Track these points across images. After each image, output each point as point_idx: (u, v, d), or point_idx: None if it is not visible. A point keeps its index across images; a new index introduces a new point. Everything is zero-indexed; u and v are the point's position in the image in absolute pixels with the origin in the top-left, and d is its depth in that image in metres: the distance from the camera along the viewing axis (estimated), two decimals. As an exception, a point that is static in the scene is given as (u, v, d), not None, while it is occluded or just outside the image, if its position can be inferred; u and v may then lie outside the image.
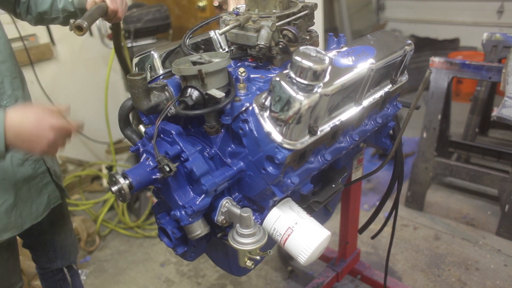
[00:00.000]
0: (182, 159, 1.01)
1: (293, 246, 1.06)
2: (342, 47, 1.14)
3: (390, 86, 1.25)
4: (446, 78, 2.64)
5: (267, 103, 0.95)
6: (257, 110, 0.96)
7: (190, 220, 1.03)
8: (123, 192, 0.97)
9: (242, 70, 1.08)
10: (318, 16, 2.96)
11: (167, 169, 0.97)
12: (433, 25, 5.33)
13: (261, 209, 1.12)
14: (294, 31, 1.09)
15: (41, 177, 1.41)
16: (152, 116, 1.19)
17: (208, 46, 1.31)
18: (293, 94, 0.89)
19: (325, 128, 1.03)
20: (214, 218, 1.08)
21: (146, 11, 2.97)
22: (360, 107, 1.13)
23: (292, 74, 0.90)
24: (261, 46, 1.07)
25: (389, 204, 1.70)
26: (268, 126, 0.95)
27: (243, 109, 0.99)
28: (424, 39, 5.07)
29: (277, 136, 0.94)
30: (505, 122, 2.20)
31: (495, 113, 2.23)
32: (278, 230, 1.08)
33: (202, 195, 1.02)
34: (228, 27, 1.09)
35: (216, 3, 3.01)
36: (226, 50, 1.30)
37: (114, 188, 0.98)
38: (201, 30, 1.27)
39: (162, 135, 1.05)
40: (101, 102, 3.09)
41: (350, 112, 1.11)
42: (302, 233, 1.06)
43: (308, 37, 1.21)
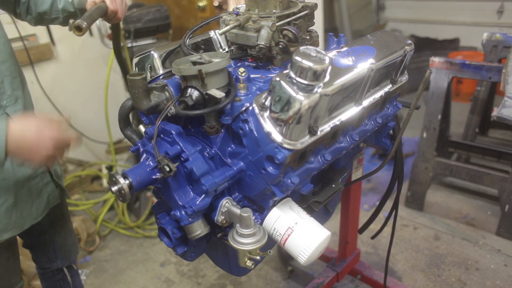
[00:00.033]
0: (182, 159, 1.01)
1: (293, 246, 1.06)
2: (342, 47, 1.14)
3: (390, 86, 1.25)
4: (446, 78, 2.64)
5: (267, 103, 0.95)
6: (257, 110, 0.96)
7: (190, 220, 1.03)
8: (123, 192, 0.97)
9: (242, 70, 1.08)
10: (318, 16, 2.96)
11: (167, 169, 0.97)
12: (433, 25, 5.33)
13: (261, 209, 1.12)
14: (294, 31, 1.09)
15: (41, 177, 1.41)
16: (152, 116, 1.19)
17: (208, 46, 1.31)
18: (293, 94, 0.89)
19: (325, 128, 1.03)
20: (214, 218, 1.08)
21: (146, 11, 2.97)
22: (360, 107, 1.13)
23: (292, 74, 0.90)
24: (261, 46, 1.07)
25: (389, 204, 1.70)
26: (268, 126, 0.95)
27: (243, 109, 0.99)
28: (424, 39, 5.07)
29: (277, 136, 0.94)
30: (505, 122, 2.20)
31: (495, 113, 2.23)
32: (278, 230, 1.08)
33: (202, 195, 1.02)
34: (228, 27, 1.09)
35: (216, 3, 3.01)
36: (226, 50, 1.30)
37: (114, 188, 0.98)
38: (201, 30, 1.27)
39: (162, 135, 1.05)
40: (101, 102, 3.09)
41: (350, 112, 1.11)
42: (302, 233, 1.06)
43: (308, 37, 1.21)
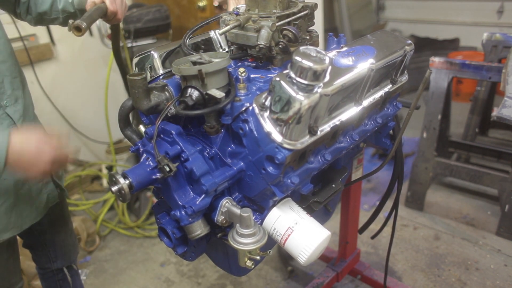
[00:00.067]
0: (182, 159, 1.01)
1: (293, 246, 1.06)
2: (342, 47, 1.14)
3: (390, 86, 1.25)
4: (446, 78, 2.64)
5: (267, 103, 0.95)
6: (257, 110, 0.96)
7: (190, 220, 1.03)
8: (123, 192, 0.97)
9: (242, 70, 1.08)
10: (318, 16, 2.96)
11: (167, 169, 0.97)
12: (433, 25, 5.33)
13: (261, 209, 1.12)
14: (294, 31, 1.09)
15: (41, 177, 1.41)
16: (152, 116, 1.19)
17: (208, 46, 1.31)
18: (293, 94, 0.89)
19: (325, 128, 1.03)
20: (214, 218, 1.08)
21: (146, 11, 2.97)
22: (360, 107, 1.13)
23: (292, 74, 0.90)
24: (261, 46, 1.07)
25: (389, 204, 1.70)
26: (268, 126, 0.95)
27: (243, 109, 0.99)
28: (424, 39, 5.07)
29: (277, 136, 0.94)
30: (505, 122, 2.20)
31: (495, 113, 2.23)
32: (278, 230, 1.08)
33: (202, 195, 1.02)
34: (228, 27, 1.09)
35: (216, 3, 3.01)
36: (226, 50, 1.30)
37: (114, 188, 0.98)
38: (201, 30, 1.27)
39: (162, 135, 1.05)
40: (101, 102, 3.09)
41: (350, 112, 1.11)
42: (302, 233, 1.06)
43: (308, 37, 1.21)
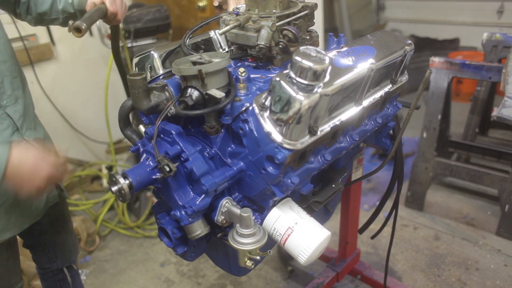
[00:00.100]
0: (182, 159, 1.01)
1: (293, 246, 1.06)
2: (342, 47, 1.14)
3: (390, 86, 1.25)
4: (446, 78, 2.64)
5: (267, 103, 0.95)
6: (257, 110, 0.96)
7: (190, 220, 1.03)
8: (123, 192, 0.97)
9: (242, 70, 1.08)
10: (318, 16, 2.96)
11: (167, 169, 0.97)
12: (433, 25, 5.33)
13: (261, 209, 1.12)
14: (294, 31, 1.09)
15: (41, 176, 1.41)
16: (152, 116, 1.19)
17: (208, 46, 1.31)
18: (293, 94, 0.89)
19: (325, 128, 1.03)
20: (214, 218, 1.08)
21: (146, 11, 2.97)
22: (360, 107, 1.13)
23: (292, 74, 0.90)
24: (261, 46, 1.07)
25: (389, 204, 1.70)
26: (268, 126, 0.95)
27: (243, 109, 0.99)
28: (424, 39, 5.07)
29: (277, 136, 0.94)
30: (505, 122, 2.20)
31: (495, 113, 2.23)
32: (278, 230, 1.08)
33: (202, 195, 1.02)
34: (228, 27, 1.09)
35: (216, 3, 3.01)
36: (226, 50, 1.30)
37: (114, 188, 0.98)
38: (201, 30, 1.27)
39: (162, 135, 1.05)
40: (101, 102, 3.09)
41: (350, 112, 1.11)
42: (302, 233, 1.06)
43: (308, 37, 1.21)
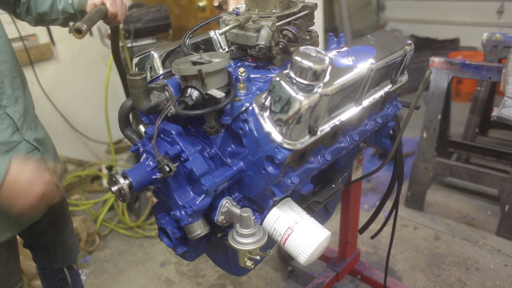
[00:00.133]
0: (182, 159, 1.01)
1: (293, 246, 1.06)
2: (342, 47, 1.13)
3: (390, 86, 1.25)
4: (446, 78, 2.64)
5: (267, 103, 0.95)
6: (257, 110, 0.96)
7: (190, 220, 1.03)
8: (123, 192, 0.97)
9: (242, 70, 1.08)
10: (318, 16, 2.96)
11: (167, 169, 0.97)
12: (433, 25, 5.33)
13: (261, 209, 1.12)
14: (294, 31, 1.09)
15: (41, 177, 1.41)
16: (152, 116, 1.19)
17: (208, 46, 1.31)
18: (293, 94, 0.89)
19: (325, 128, 1.03)
20: (214, 218, 1.08)
21: (146, 11, 2.97)
22: (360, 107, 1.13)
23: (292, 74, 0.90)
24: (261, 46, 1.07)
25: (389, 204, 1.70)
26: (268, 126, 0.95)
27: (243, 109, 0.99)
28: (424, 39, 5.07)
29: (277, 136, 0.94)
30: (505, 122, 2.20)
31: (495, 113, 2.23)
32: (278, 230, 1.08)
33: (202, 195, 1.02)
34: (228, 27, 1.09)
35: (216, 3, 3.01)
36: (226, 50, 1.30)
37: (114, 188, 0.98)
38: (201, 30, 1.27)
39: (162, 135, 1.05)
40: (101, 102, 3.09)
41: (350, 112, 1.11)
42: (302, 233, 1.06)
43: (308, 37, 1.21)
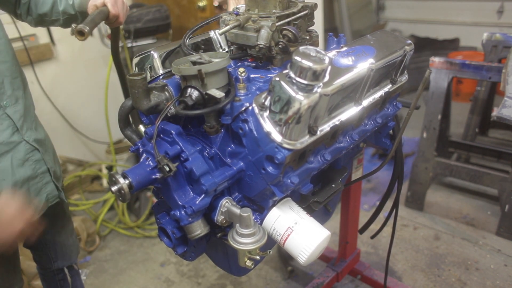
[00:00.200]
0: (182, 159, 1.01)
1: (293, 246, 1.06)
2: (342, 47, 1.14)
3: (390, 86, 1.25)
4: (446, 78, 2.64)
5: (267, 103, 0.95)
6: (257, 110, 0.96)
7: (190, 220, 1.03)
8: (123, 192, 0.97)
9: (242, 70, 1.08)
10: (318, 16, 2.96)
11: (167, 169, 0.97)
12: (433, 25, 5.33)
13: (261, 209, 1.12)
14: (294, 31, 1.09)
15: (40, 177, 1.40)
16: (152, 116, 1.19)
17: (208, 46, 1.31)
18: (292, 94, 0.89)
19: (325, 128, 1.03)
20: (214, 218, 1.08)
21: (146, 11, 2.98)
22: (360, 107, 1.13)
23: (292, 74, 0.90)
24: (261, 46, 1.07)
25: (389, 204, 1.70)
26: (267, 126, 0.95)
27: (243, 109, 0.99)
28: (424, 39, 5.07)
29: (276, 136, 0.94)
30: (505, 122, 2.20)
31: (495, 113, 2.22)
32: (278, 230, 1.08)
33: (202, 195, 1.02)
34: (228, 27, 1.09)
35: (216, 3, 3.01)
36: (226, 50, 1.30)
37: (114, 188, 0.98)
38: (201, 30, 1.27)
39: (162, 135, 1.05)
40: (101, 102, 3.09)
41: (350, 112, 1.11)
42: (302, 233, 1.06)
43: (308, 37, 1.21)
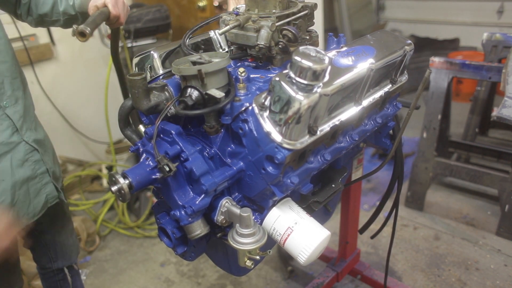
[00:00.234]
0: (182, 159, 1.01)
1: (292, 246, 1.06)
2: (342, 47, 1.13)
3: (390, 86, 1.25)
4: (446, 78, 2.64)
5: (267, 103, 0.95)
6: (256, 110, 0.96)
7: (189, 220, 1.03)
8: (123, 192, 0.97)
9: (242, 70, 1.08)
10: (318, 16, 2.96)
11: (167, 169, 0.97)
12: (433, 25, 5.33)
13: (261, 209, 1.12)
14: (294, 31, 1.09)
15: (40, 177, 1.40)
16: (152, 116, 1.19)
17: (208, 46, 1.31)
18: (292, 94, 0.89)
19: (324, 128, 1.03)
20: (214, 218, 1.08)
21: (146, 11, 2.98)
22: (360, 107, 1.13)
23: (291, 74, 0.90)
24: (261, 46, 1.07)
25: (389, 204, 1.70)
26: (267, 126, 0.95)
27: (243, 109, 0.99)
28: (424, 39, 5.07)
29: (276, 136, 0.94)
30: (505, 122, 2.20)
31: (495, 113, 2.22)
32: (278, 230, 1.08)
33: (202, 195, 1.02)
34: (228, 27, 1.09)
35: (216, 3, 3.01)
36: (226, 50, 1.30)
37: (114, 188, 0.98)
38: (201, 30, 1.27)
39: (162, 135, 1.05)
40: (101, 102, 3.09)
41: (350, 112, 1.11)
42: (301, 233, 1.06)
43: (308, 37, 1.21)
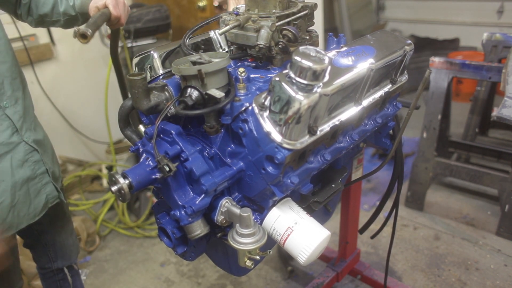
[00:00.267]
0: (182, 159, 1.01)
1: (292, 246, 1.06)
2: (342, 47, 1.13)
3: (390, 86, 1.25)
4: (446, 78, 2.64)
5: (267, 103, 0.95)
6: (256, 110, 0.97)
7: (189, 220, 1.03)
8: (123, 192, 0.97)
9: (242, 70, 1.08)
10: (318, 16, 2.96)
11: (167, 169, 0.97)
12: (433, 25, 5.33)
13: (261, 209, 1.12)
14: (293, 31, 1.09)
15: (40, 177, 1.40)
16: (152, 116, 1.19)
17: (208, 46, 1.31)
18: (292, 94, 0.89)
19: (324, 128, 1.03)
20: (214, 218, 1.08)
21: (146, 11, 2.98)
22: (359, 107, 1.13)
23: (291, 74, 0.90)
24: (260, 46, 1.07)
25: (389, 204, 1.70)
26: (267, 126, 0.95)
27: (243, 109, 0.99)
28: (424, 39, 5.07)
29: (276, 136, 0.94)
30: (505, 122, 2.20)
31: (495, 113, 2.22)
32: (278, 230, 1.08)
33: (202, 195, 1.02)
34: (228, 27, 1.09)
35: (216, 3, 3.01)
36: (226, 50, 1.30)
37: (114, 188, 0.98)
38: (201, 30, 1.27)
39: (162, 135, 1.05)
40: (101, 102, 3.09)
41: (349, 112, 1.11)
42: (301, 233, 1.06)
43: (308, 37, 1.21)
